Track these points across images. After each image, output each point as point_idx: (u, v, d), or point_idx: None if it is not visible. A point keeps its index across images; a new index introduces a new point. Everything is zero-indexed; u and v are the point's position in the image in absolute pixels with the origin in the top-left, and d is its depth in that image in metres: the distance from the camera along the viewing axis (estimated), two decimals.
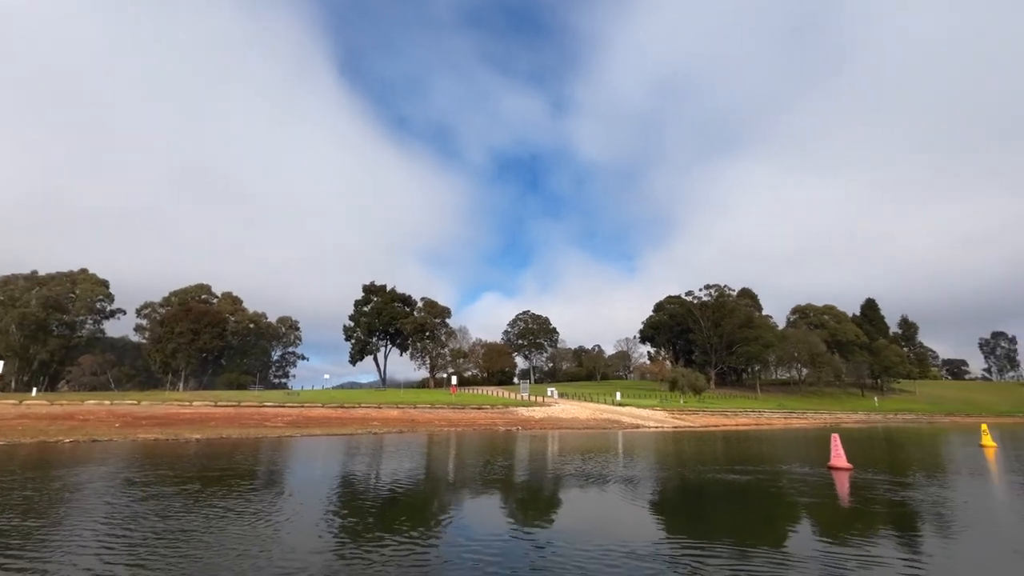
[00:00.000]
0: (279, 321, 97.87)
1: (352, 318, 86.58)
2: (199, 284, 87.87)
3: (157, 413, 29.83)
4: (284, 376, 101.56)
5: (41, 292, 74.80)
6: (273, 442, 20.67)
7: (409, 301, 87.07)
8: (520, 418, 37.31)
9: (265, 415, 31.92)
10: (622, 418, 38.97)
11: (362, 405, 39.11)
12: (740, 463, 15.74)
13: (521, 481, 11.50)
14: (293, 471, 12.69)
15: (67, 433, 21.27)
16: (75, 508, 7.99)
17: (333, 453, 16.82)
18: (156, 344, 69.36)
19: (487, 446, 20.42)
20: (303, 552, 5.70)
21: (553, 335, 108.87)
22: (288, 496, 9.23)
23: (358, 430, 27.36)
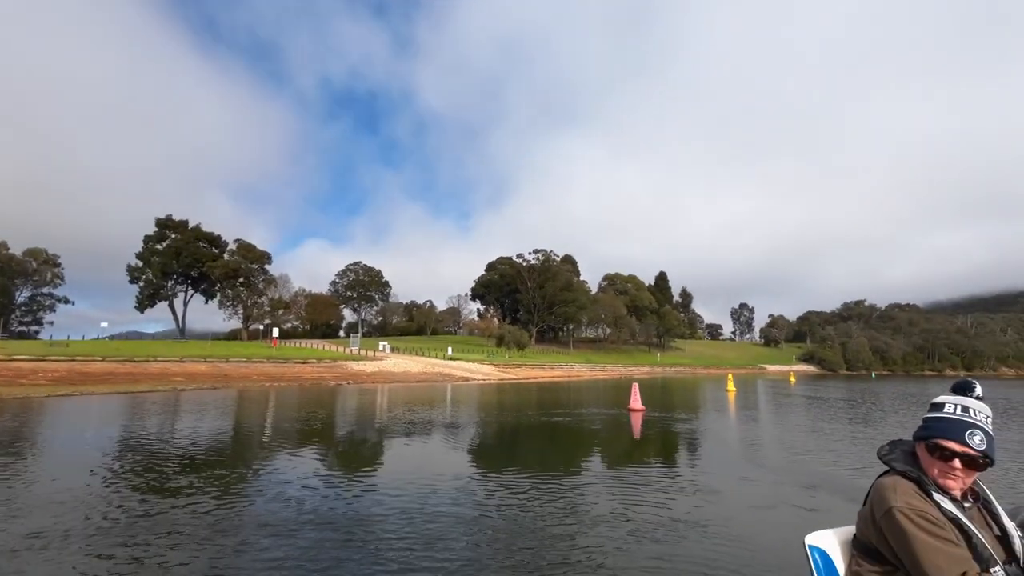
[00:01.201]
0: (27, 253, 77.26)
1: (140, 256, 72.40)
2: None
3: None
4: (36, 324, 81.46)
5: None
6: (39, 402, 16.87)
7: (218, 242, 75.84)
8: (350, 372, 36.43)
9: (20, 370, 25.65)
10: (453, 372, 40.70)
11: (159, 359, 33.77)
12: (558, 408, 18.08)
13: (346, 433, 11.57)
14: (63, 433, 10.69)
15: None
16: None
17: (120, 413, 14.50)
18: None
19: (313, 400, 19.71)
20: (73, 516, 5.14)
21: (385, 288, 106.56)
22: (51, 461, 7.94)
23: (157, 387, 23.83)
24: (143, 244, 72.53)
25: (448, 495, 6.21)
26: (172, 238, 71.84)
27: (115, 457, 8.36)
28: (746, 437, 11.73)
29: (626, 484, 6.91)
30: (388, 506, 5.71)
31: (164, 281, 71.23)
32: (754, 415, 16.90)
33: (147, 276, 71.00)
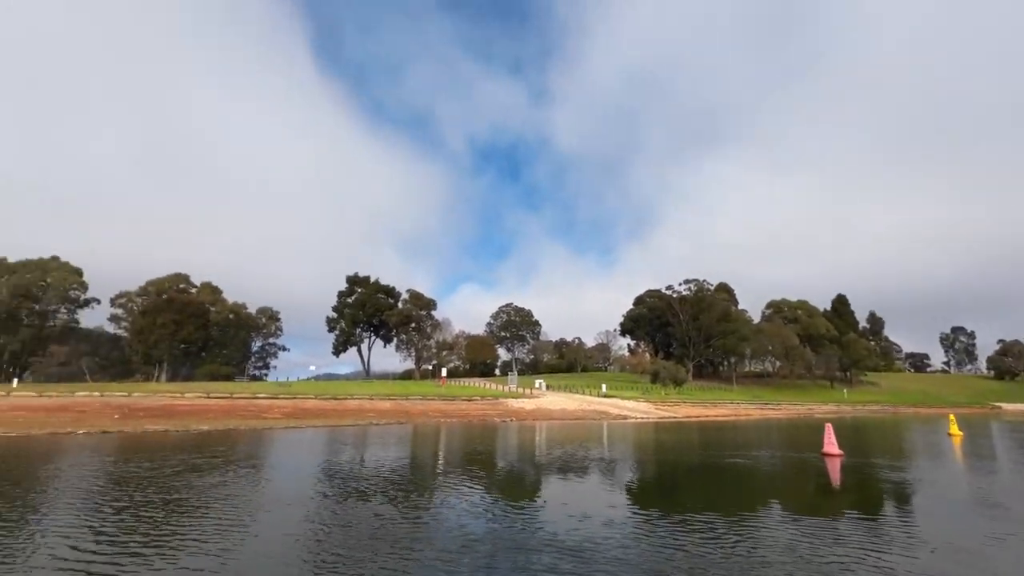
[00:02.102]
0: (259, 312, 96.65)
1: (336, 309, 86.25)
2: (177, 273, 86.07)
3: (151, 405, 29.85)
4: (264, 368, 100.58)
5: (11, 280, 72.48)
6: (278, 433, 21.21)
7: (393, 292, 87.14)
8: (511, 409, 38.34)
9: (260, 407, 32.20)
10: (609, 409, 40.36)
11: (354, 397, 39.59)
12: (728, 449, 17.04)
13: (511, 467, 12.46)
14: (293, 457, 13.38)
15: (70, 424, 21.37)
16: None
17: (331, 442, 17.51)
18: (138, 335, 68.08)
19: (480, 436, 21.36)
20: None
21: (535, 327, 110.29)
22: (288, 478, 10.00)
23: (357, 421, 27.99)
24: (337, 298, 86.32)
25: (615, 533, 6.53)
26: (358, 292, 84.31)
27: (330, 478, 10.38)
28: (989, 491, 9.87)
29: (838, 535, 6.42)
30: (554, 539, 6.16)
31: (353, 329, 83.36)
32: (996, 466, 13.95)
33: (341, 325, 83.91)
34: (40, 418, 23.09)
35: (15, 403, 27.91)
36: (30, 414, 24.28)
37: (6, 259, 76.45)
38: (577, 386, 59.51)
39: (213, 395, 36.20)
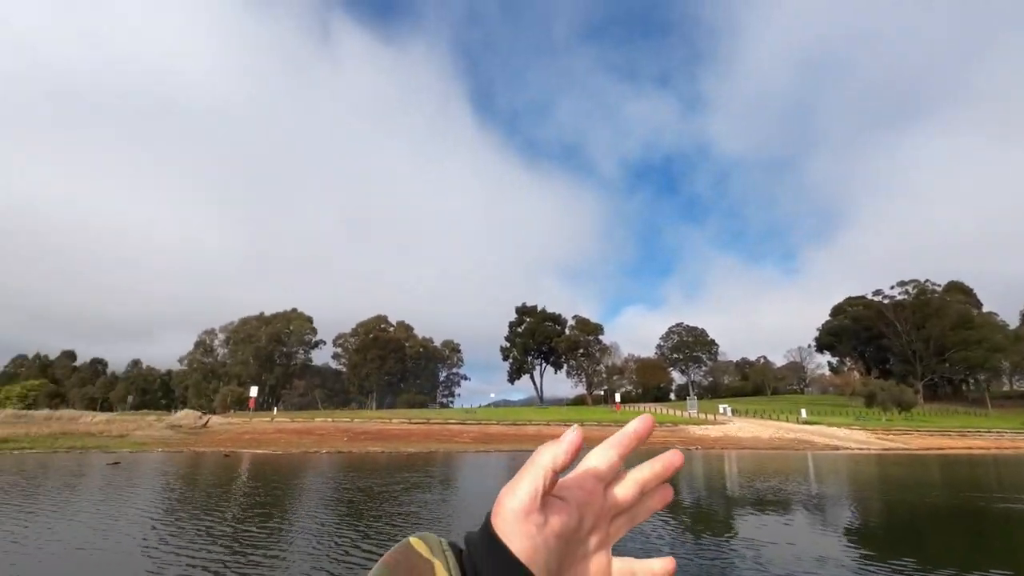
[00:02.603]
0: (443, 344, 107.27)
1: (508, 339, 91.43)
2: (377, 315, 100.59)
3: (369, 429, 35.08)
4: (450, 395, 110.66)
5: (267, 329, 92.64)
6: (476, 456, 23.16)
7: (559, 320, 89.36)
8: (693, 437, 35.95)
9: (452, 431, 35.50)
10: (813, 438, 35.22)
11: (532, 423, 41.21)
12: (1006, 491, 13.55)
13: (705, 501, 11.51)
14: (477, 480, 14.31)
15: (315, 445, 26.32)
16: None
17: (512, 468, 18.35)
18: (353, 369, 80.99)
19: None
20: None
21: (711, 347, 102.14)
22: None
23: (539, 446, 29.04)
24: (508, 328, 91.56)
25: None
26: (527, 321, 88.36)
27: None
28: None
29: None
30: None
31: (525, 357, 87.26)
32: None
33: (513, 354, 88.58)
34: (294, 439, 28.87)
35: (277, 427, 35.32)
36: (287, 436, 30.51)
37: (263, 313, 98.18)
38: (767, 411, 53.15)
39: (414, 421, 41.05)
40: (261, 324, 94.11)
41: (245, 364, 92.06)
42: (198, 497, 11.11)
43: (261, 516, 9.09)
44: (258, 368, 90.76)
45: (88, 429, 30.45)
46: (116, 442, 24.92)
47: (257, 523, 8.49)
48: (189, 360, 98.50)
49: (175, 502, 10.39)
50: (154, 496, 11.05)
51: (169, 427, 32.09)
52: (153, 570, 5.89)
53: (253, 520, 8.73)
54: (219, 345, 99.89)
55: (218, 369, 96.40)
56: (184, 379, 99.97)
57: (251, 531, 7.91)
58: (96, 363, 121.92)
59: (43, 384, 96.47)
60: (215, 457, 20.62)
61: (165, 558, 6.33)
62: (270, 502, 10.48)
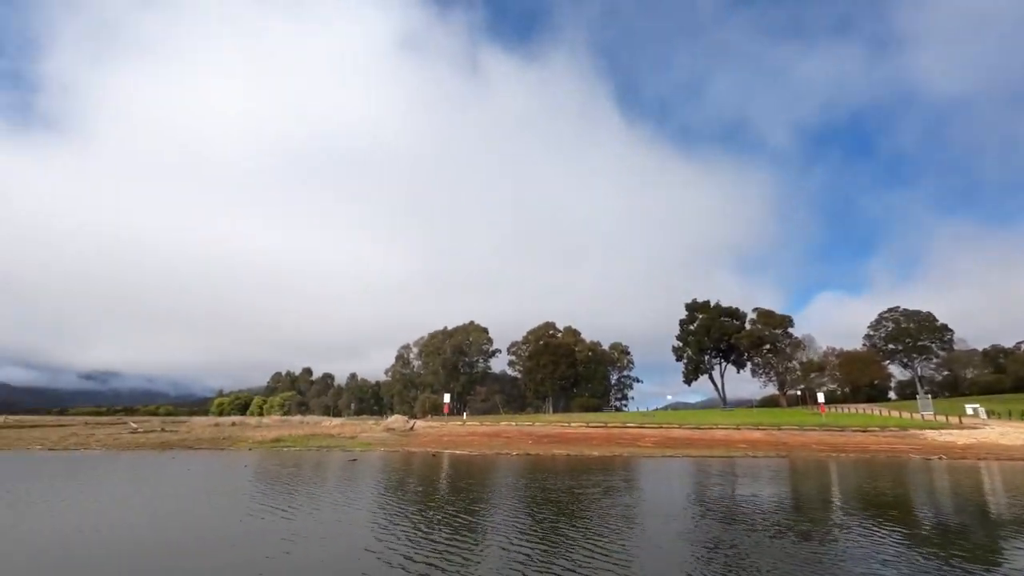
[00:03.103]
0: (611, 347, 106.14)
1: (679, 338, 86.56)
2: (545, 322, 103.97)
3: (550, 432, 36.35)
4: (623, 399, 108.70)
5: (451, 342, 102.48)
6: (663, 461, 22.42)
7: (737, 314, 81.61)
8: (932, 444, 29.65)
9: (632, 435, 34.81)
10: None
11: (719, 427, 38.25)
12: None
13: (974, 520, 9.20)
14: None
15: (504, 447, 28.20)
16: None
17: (738, 474, 17.06)
18: (528, 375, 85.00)
19: (900, 475, 17.00)
20: None
21: (943, 334, 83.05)
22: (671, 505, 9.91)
23: (730, 452, 26.88)
24: (679, 327, 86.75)
25: None
26: (700, 318, 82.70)
27: (736, 512, 10.06)
28: None
29: None
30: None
31: (701, 356, 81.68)
32: None
33: (687, 353, 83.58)
34: (485, 441, 31.34)
35: (469, 430, 38.72)
36: (478, 439, 33.25)
37: (446, 327, 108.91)
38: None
39: (592, 424, 41.32)
40: (445, 337, 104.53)
41: (435, 374, 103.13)
42: (437, 491, 12.79)
43: (486, 509, 10.11)
44: (446, 377, 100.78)
45: (328, 431, 37.18)
46: (349, 442, 29.98)
47: (482, 515, 9.47)
48: (392, 372, 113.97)
49: (407, 493, 12.15)
50: (386, 487, 13.07)
51: (385, 430, 37.49)
52: (401, 541, 6.97)
53: (480, 512, 9.76)
54: (414, 358, 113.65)
55: (415, 379, 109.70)
56: (390, 388, 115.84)
57: (483, 521, 8.86)
58: (326, 377, 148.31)
59: (293, 395, 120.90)
60: (424, 456, 23.47)
61: (410, 536, 7.44)
62: (487, 498, 11.59)
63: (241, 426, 43.94)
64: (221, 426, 43.18)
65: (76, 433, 35.57)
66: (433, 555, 7.03)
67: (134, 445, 29.55)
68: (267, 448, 27.89)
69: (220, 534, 8.50)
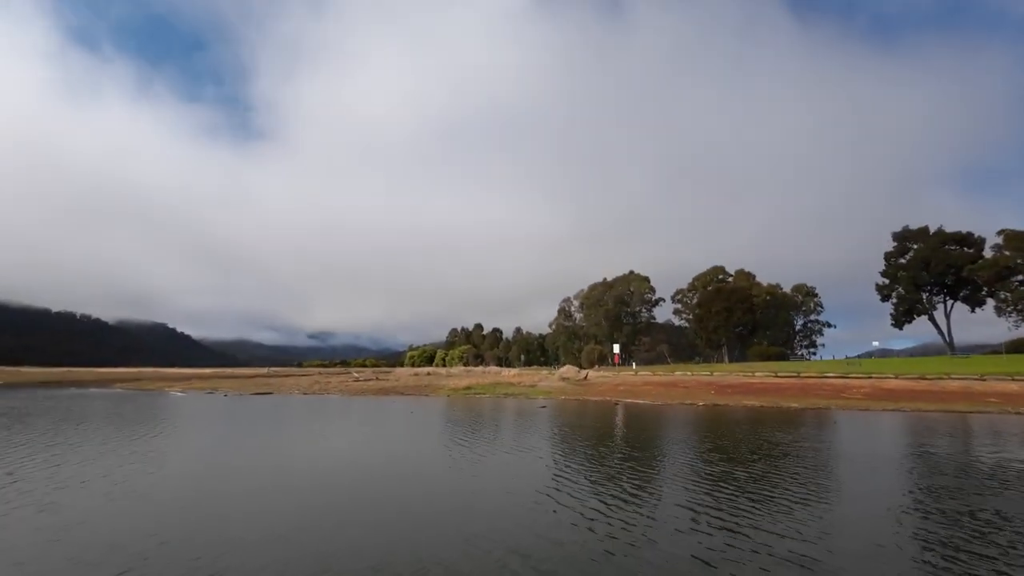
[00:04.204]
0: (794, 290, 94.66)
1: (886, 273, 73.11)
2: (714, 267, 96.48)
3: (733, 383, 34.17)
4: (811, 346, 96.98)
5: (611, 293, 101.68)
6: (888, 416, 19.58)
7: (969, 240, 65.49)
8: None
9: (835, 386, 30.95)
10: None
11: (951, 376, 31.82)
12: None
13: None
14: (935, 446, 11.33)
15: (687, 397, 27.36)
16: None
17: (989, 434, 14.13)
18: (699, 323, 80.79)
19: None
20: None
21: None
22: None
23: (975, 407, 22.27)
24: (885, 261, 73.19)
25: None
26: (914, 248, 68.66)
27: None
28: None
29: None
30: None
31: (918, 294, 68.29)
32: None
33: (898, 291, 70.49)
34: (663, 391, 30.77)
35: (643, 380, 38.40)
36: (655, 388, 32.78)
37: (605, 279, 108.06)
38: None
39: (781, 374, 37.73)
40: (605, 289, 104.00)
41: (598, 325, 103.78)
42: (643, 439, 13.06)
43: (696, 458, 9.96)
44: (609, 327, 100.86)
45: (509, 380, 40.20)
46: (531, 390, 32.03)
47: (694, 464, 9.33)
48: (555, 325, 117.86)
49: (617, 440, 12.53)
50: (597, 434, 13.62)
51: (560, 379, 39.18)
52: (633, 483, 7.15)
53: (691, 461, 9.64)
54: (575, 310, 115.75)
55: (578, 331, 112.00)
56: (554, 340, 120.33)
57: (696, 470, 8.74)
58: (496, 331, 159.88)
59: (469, 348, 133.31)
60: (606, 405, 23.98)
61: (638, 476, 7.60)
62: (695, 448, 11.39)
63: (435, 375, 50.09)
64: (419, 375, 49.72)
65: (317, 381, 44.33)
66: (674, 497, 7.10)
67: (361, 391, 35.70)
68: (461, 394, 31.25)
69: (485, 464, 9.78)
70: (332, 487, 8.08)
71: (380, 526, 6.04)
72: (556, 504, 6.87)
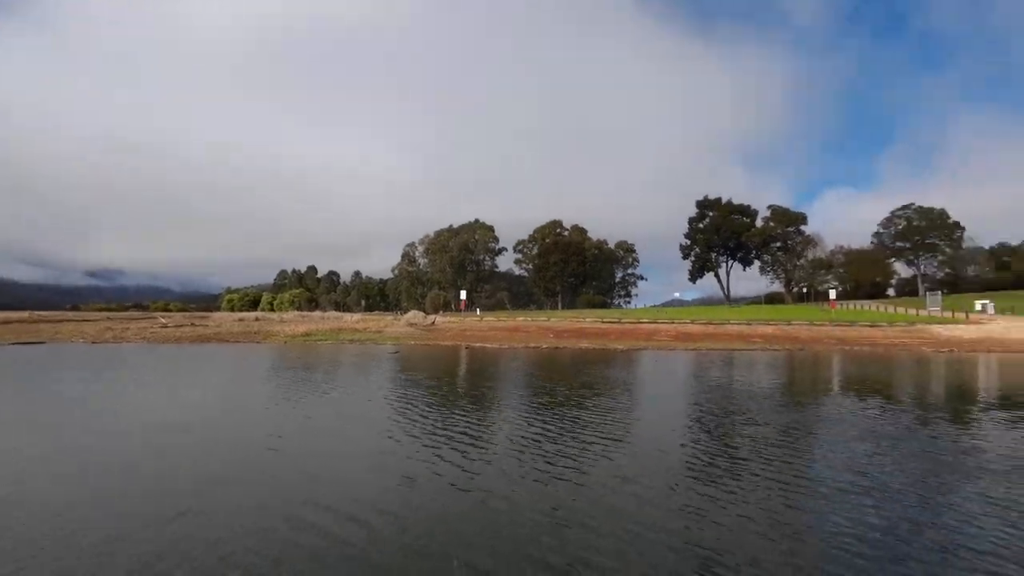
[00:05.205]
0: (617, 245, 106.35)
1: (688, 235, 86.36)
2: (552, 220, 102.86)
3: (568, 328, 37.52)
4: (627, 296, 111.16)
5: (457, 240, 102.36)
6: (689, 354, 23.36)
7: (748, 211, 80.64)
8: (940, 338, 30.77)
9: (648, 330, 35.99)
10: None
11: (731, 322, 39.43)
12: None
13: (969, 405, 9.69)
14: (799, 380, 14.13)
15: (529, 340, 29.25)
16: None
17: (769, 366, 17.81)
18: (538, 273, 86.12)
19: (921, 369, 17.80)
20: None
21: (954, 232, 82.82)
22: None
23: (750, 346, 27.94)
24: (688, 224, 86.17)
25: None
26: (711, 215, 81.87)
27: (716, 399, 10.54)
28: None
29: None
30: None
31: (709, 254, 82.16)
32: None
33: (695, 251, 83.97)
34: (507, 336, 32.45)
35: (489, 325, 39.94)
36: (500, 333, 34.38)
37: (451, 225, 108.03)
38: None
39: (606, 320, 42.57)
40: (451, 235, 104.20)
41: (442, 271, 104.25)
42: (502, 376, 13.37)
43: (548, 389, 10.61)
44: (453, 274, 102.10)
45: (352, 326, 38.36)
46: (378, 336, 31.03)
47: (547, 394, 9.95)
48: (399, 270, 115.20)
49: (477, 377, 12.72)
50: (446, 372, 13.67)
51: (407, 324, 38.68)
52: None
53: (546, 390, 10.25)
54: (419, 256, 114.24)
55: (421, 276, 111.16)
56: (397, 286, 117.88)
57: (546, 399, 9.31)
58: (332, 275, 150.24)
59: (302, 292, 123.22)
60: (458, 349, 24.41)
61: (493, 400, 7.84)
62: (548, 382, 12.12)
63: (265, 321, 45.29)
64: (246, 321, 44.51)
65: (111, 328, 36.72)
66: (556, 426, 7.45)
67: (172, 338, 30.62)
68: (300, 341, 28.91)
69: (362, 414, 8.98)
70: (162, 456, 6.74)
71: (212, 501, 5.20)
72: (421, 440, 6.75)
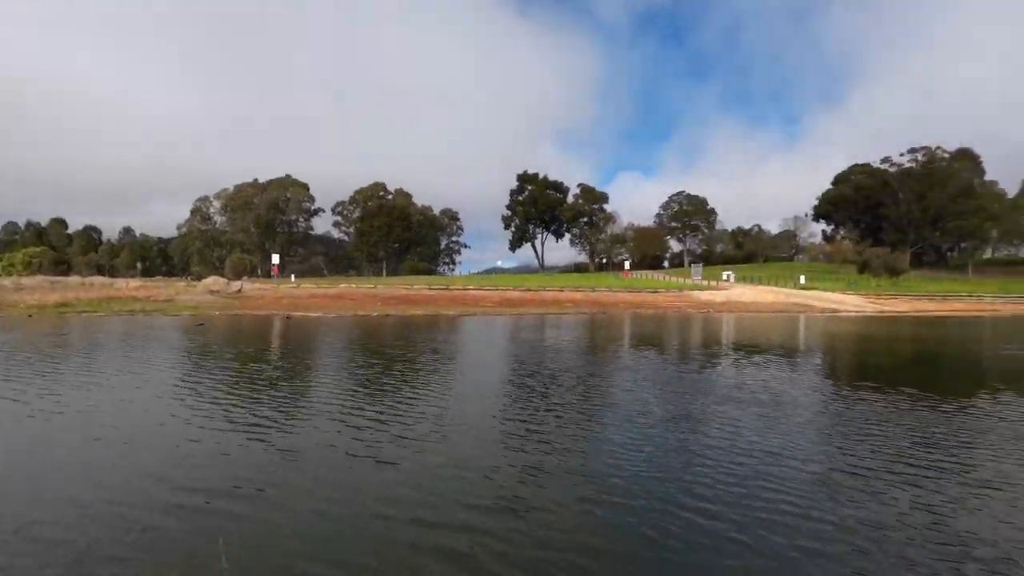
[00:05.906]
0: (442, 213, 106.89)
1: (509, 207, 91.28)
2: (375, 183, 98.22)
3: (396, 295, 36.78)
4: (451, 263, 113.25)
5: (264, 197, 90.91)
6: (514, 319, 24.93)
7: (561, 188, 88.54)
8: (701, 301, 38.35)
9: (474, 296, 37.37)
10: (811, 302, 37.82)
11: (547, 289, 43.27)
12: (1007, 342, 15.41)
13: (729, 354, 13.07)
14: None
15: (357, 308, 27.89)
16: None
17: (539, 327, 20.04)
18: (361, 237, 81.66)
19: (691, 326, 22.21)
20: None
21: (711, 216, 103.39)
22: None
23: (564, 310, 31.05)
24: (509, 196, 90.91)
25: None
26: (529, 190, 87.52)
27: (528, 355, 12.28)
28: None
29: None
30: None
31: (527, 226, 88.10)
32: None
33: (515, 223, 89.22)
34: (332, 304, 30.39)
35: (309, 293, 36.81)
36: (323, 301, 32.02)
37: (257, 180, 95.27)
38: (765, 278, 56.02)
39: (434, 287, 42.88)
40: (257, 191, 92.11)
41: (246, 231, 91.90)
42: (346, 350, 12.36)
43: (404, 358, 10.33)
44: (260, 236, 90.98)
45: (130, 294, 31.57)
46: (169, 306, 26.15)
47: (403, 362, 9.71)
48: (188, 228, 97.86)
49: (301, 353, 11.62)
50: (270, 347, 12.28)
51: (206, 292, 33.36)
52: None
53: (403, 359, 9.95)
54: (215, 213, 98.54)
55: (219, 237, 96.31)
56: (186, 246, 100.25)
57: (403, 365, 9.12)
58: (90, 230, 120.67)
59: (44, 251, 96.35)
60: (279, 320, 22.04)
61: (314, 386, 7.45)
62: (394, 351, 11.74)
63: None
64: None
65: None
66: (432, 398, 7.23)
67: None
68: (53, 313, 22.83)
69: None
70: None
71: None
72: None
